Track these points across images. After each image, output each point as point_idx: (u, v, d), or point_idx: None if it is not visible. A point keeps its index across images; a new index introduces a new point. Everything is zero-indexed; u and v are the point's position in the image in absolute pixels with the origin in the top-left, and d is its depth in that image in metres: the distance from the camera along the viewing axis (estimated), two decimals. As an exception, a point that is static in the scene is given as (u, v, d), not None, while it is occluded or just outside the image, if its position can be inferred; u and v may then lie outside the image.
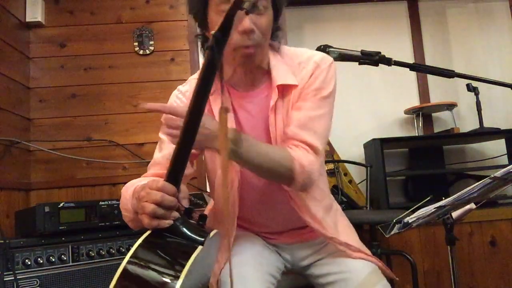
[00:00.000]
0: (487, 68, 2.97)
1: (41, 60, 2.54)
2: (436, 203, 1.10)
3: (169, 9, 2.65)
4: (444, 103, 2.73)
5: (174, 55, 2.61)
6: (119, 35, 2.60)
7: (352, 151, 2.79)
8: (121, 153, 2.51)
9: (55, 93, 2.52)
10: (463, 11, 3.07)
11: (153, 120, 2.54)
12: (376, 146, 2.41)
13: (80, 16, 2.60)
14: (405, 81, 2.94)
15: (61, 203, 1.64)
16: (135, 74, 2.58)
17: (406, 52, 2.98)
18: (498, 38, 3.02)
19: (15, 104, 2.32)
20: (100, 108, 2.54)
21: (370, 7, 3.02)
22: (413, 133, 2.89)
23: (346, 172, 2.66)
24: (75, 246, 1.63)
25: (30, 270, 1.52)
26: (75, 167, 2.47)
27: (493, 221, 2.11)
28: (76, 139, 2.49)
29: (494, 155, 2.82)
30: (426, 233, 2.06)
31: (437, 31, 3.04)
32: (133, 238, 1.76)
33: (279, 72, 1.17)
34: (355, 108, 2.91)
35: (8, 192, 2.15)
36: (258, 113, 1.20)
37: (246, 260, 1.16)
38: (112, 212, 1.76)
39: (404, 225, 1.11)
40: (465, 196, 1.06)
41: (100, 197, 2.43)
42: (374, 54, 1.37)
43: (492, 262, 2.07)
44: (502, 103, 2.93)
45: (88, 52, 2.57)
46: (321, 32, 2.99)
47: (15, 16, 2.39)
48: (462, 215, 1.21)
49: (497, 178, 0.99)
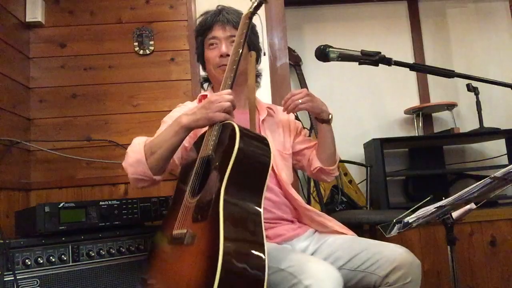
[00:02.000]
0: (487, 68, 2.97)
1: (41, 60, 2.53)
2: (436, 203, 1.10)
3: (169, 9, 2.65)
4: (444, 103, 2.74)
5: (174, 55, 2.61)
6: (119, 35, 2.60)
7: (352, 151, 2.80)
8: (121, 153, 2.51)
9: (55, 93, 2.52)
10: (463, 11, 3.07)
11: (153, 120, 2.54)
12: (376, 146, 2.41)
13: (80, 16, 2.60)
14: (405, 81, 2.94)
15: (61, 203, 1.64)
16: (135, 74, 2.58)
17: (406, 52, 2.98)
18: (498, 38, 3.02)
19: (15, 104, 2.32)
20: (100, 108, 2.54)
21: (370, 7, 3.02)
22: (413, 133, 2.89)
23: (346, 172, 2.66)
24: (75, 246, 1.63)
25: (30, 270, 1.52)
26: (75, 167, 2.46)
27: (493, 221, 2.11)
28: (76, 139, 2.49)
29: (494, 155, 2.82)
30: (426, 233, 2.06)
31: (437, 31, 3.04)
32: (134, 238, 1.76)
33: (260, 104, 1.69)
34: (355, 108, 2.91)
35: (8, 192, 2.15)
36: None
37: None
38: (112, 212, 1.75)
39: (404, 225, 1.12)
40: (465, 196, 1.06)
41: (100, 197, 2.43)
42: (374, 54, 1.37)
43: (492, 262, 2.08)
44: (502, 103, 2.93)
45: (88, 52, 2.57)
46: (321, 32, 3.00)
47: (15, 16, 2.39)
48: (462, 215, 1.21)
49: (497, 178, 0.99)
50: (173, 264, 1.19)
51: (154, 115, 2.54)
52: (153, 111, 2.55)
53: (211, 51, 1.61)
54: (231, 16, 1.61)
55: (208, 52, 1.63)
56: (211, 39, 1.61)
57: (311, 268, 1.15)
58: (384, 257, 1.31)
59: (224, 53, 1.57)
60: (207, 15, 1.66)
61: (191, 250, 1.11)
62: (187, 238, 1.13)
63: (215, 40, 1.61)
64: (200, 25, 1.67)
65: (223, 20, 1.61)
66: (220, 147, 1.24)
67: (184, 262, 1.12)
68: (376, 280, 1.31)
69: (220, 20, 1.61)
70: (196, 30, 1.70)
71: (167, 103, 2.55)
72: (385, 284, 1.30)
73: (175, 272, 1.16)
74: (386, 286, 1.29)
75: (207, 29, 1.63)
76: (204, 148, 1.29)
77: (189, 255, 1.11)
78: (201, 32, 1.66)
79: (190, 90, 2.57)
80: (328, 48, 1.41)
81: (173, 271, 1.17)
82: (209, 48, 1.62)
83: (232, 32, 1.59)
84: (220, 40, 1.60)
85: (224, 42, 1.59)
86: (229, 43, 1.58)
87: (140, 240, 1.79)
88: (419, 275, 1.30)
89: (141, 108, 2.56)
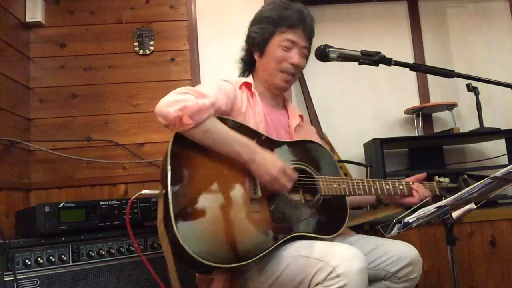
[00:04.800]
0: (487, 68, 2.96)
1: (41, 60, 2.54)
2: (436, 203, 1.10)
3: (169, 9, 2.66)
4: (444, 103, 2.73)
5: (174, 55, 2.61)
6: (119, 35, 2.60)
7: (352, 151, 2.79)
8: (121, 153, 2.51)
9: (55, 93, 2.53)
10: (463, 11, 3.07)
11: (153, 120, 2.53)
12: (376, 146, 2.41)
13: (80, 16, 2.60)
14: (405, 81, 2.94)
15: (61, 203, 1.64)
16: (135, 74, 2.58)
17: (406, 52, 2.98)
18: (498, 38, 3.02)
19: (15, 104, 2.32)
20: (100, 108, 2.54)
21: (370, 7, 3.02)
22: (413, 133, 2.89)
23: (346, 172, 2.66)
24: (75, 246, 1.63)
25: (30, 270, 1.52)
26: (75, 167, 2.47)
27: (493, 221, 2.11)
28: (76, 139, 2.49)
29: (494, 155, 2.82)
30: (426, 233, 2.06)
31: (437, 31, 3.04)
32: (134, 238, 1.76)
33: (293, 109, 1.70)
34: (355, 108, 2.91)
35: (8, 192, 2.15)
36: (279, 124, 1.59)
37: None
38: (112, 212, 1.75)
39: (404, 225, 1.12)
40: (465, 196, 1.06)
41: (100, 197, 2.43)
42: (374, 54, 1.37)
43: (492, 262, 2.07)
44: (502, 103, 2.93)
45: (88, 52, 2.57)
46: (321, 32, 2.98)
47: (15, 16, 2.39)
48: (462, 215, 1.21)
49: (497, 178, 0.99)
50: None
51: (154, 115, 2.54)
52: (153, 111, 2.54)
53: (283, 51, 1.51)
54: (312, 25, 1.56)
55: (278, 50, 1.51)
56: (288, 41, 1.51)
57: (337, 250, 1.19)
58: (396, 255, 1.41)
59: (296, 64, 1.52)
60: (289, 10, 1.52)
61: None
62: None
63: (291, 44, 1.51)
64: (280, 17, 1.52)
65: (307, 29, 1.54)
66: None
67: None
68: (385, 274, 1.42)
69: (305, 27, 1.53)
70: (269, 16, 1.53)
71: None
72: (394, 277, 1.41)
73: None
74: (395, 279, 1.41)
75: (287, 26, 1.51)
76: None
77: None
78: (276, 23, 1.51)
79: (190, 90, 2.56)
80: (328, 48, 1.41)
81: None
82: (280, 47, 1.51)
83: (307, 43, 1.55)
84: (296, 46, 1.52)
85: (299, 52, 1.52)
86: (301, 54, 1.54)
87: (140, 240, 1.79)
88: (421, 271, 1.44)
89: (141, 108, 2.56)
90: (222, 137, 1.29)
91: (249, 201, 1.29)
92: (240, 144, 1.30)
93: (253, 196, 1.30)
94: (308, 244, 1.28)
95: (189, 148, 1.30)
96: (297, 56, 1.52)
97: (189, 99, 1.27)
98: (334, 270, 1.13)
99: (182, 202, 1.20)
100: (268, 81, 1.57)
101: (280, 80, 1.54)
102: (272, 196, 1.34)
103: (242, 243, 1.23)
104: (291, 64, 1.51)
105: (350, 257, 1.16)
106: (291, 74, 1.54)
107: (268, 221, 1.30)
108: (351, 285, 1.12)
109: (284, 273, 1.25)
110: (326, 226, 1.40)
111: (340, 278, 1.12)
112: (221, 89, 1.41)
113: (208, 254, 1.16)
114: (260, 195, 1.31)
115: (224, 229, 1.22)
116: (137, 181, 2.45)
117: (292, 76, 1.55)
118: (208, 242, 1.19)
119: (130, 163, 2.50)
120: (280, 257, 1.28)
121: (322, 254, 1.20)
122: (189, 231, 1.17)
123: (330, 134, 2.70)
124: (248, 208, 1.28)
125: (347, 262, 1.15)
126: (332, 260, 1.16)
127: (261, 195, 1.31)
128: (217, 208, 1.24)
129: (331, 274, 1.14)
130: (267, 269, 1.28)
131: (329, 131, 2.71)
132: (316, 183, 1.42)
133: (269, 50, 1.53)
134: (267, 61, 1.54)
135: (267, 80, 1.57)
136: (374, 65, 1.39)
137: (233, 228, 1.23)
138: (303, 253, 1.24)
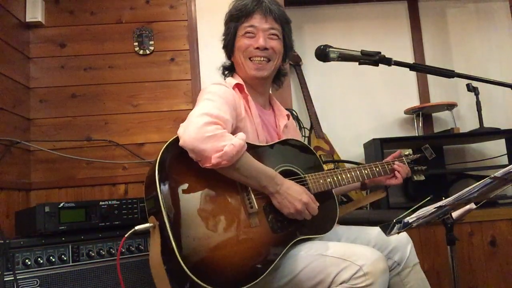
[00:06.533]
0: (487, 68, 2.97)
1: (41, 60, 2.54)
2: (436, 203, 1.10)
3: (169, 9, 2.66)
4: (444, 103, 2.73)
5: (174, 55, 2.61)
6: (119, 35, 2.60)
7: (352, 151, 2.79)
8: (121, 153, 2.51)
9: (55, 93, 2.52)
10: (463, 11, 3.07)
11: (153, 120, 2.54)
12: (376, 146, 2.41)
13: (80, 16, 2.60)
14: (405, 81, 2.94)
15: (61, 203, 1.64)
16: (135, 74, 2.58)
17: (406, 52, 2.98)
18: (498, 38, 3.02)
19: (15, 104, 2.32)
20: (100, 108, 2.54)
21: (370, 7, 3.02)
22: (413, 133, 2.89)
23: (346, 172, 2.65)
24: (75, 246, 1.63)
25: (30, 270, 1.52)
26: (75, 167, 2.47)
27: (493, 221, 2.11)
28: (76, 139, 2.49)
29: (494, 155, 2.82)
30: (426, 233, 2.06)
31: (437, 31, 3.04)
32: (134, 238, 1.75)
33: (280, 107, 1.67)
34: (355, 108, 2.91)
35: (8, 192, 2.15)
36: (269, 125, 1.59)
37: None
38: (112, 212, 1.75)
39: (404, 225, 1.11)
40: (465, 196, 1.06)
41: (100, 197, 2.43)
42: (374, 54, 1.37)
43: (492, 262, 2.07)
44: (502, 103, 2.93)
45: (88, 52, 2.57)
46: (321, 32, 2.99)
47: (15, 16, 2.39)
48: (462, 215, 1.21)
49: (497, 178, 0.99)
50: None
51: (154, 115, 2.55)
52: (153, 111, 2.55)
53: (246, 39, 1.49)
54: (273, 7, 1.50)
55: (241, 39, 1.50)
56: (249, 27, 1.49)
57: (359, 251, 1.23)
58: (392, 243, 1.44)
59: (262, 46, 1.47)
60: (244, 0, 1.52)
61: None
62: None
63: (252, 29, 1.49)
64: (237, 9, 1.52)
65: (265, 10, 1.49)
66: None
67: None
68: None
69: (262, 9, 1.49)
70: (229, 14, 1.55)
71: (167, 103, 2.55)
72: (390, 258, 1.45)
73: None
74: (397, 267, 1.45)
75: (245, 16, 1.50)
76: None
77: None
78: (236, 18, 1.52)
79: (190, 90, 2.57)
80: (328, 48, 1.41)
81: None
82: (244, 36, 1.50)
83: (273, 24, 1.50)
84: (258, 30, 1.48)
85: (262, 35, 1.48)
86: (268, 36, 1.49)
87: (140, 240, 1.79)
88: (413, 250, 1.49)
89: (141, 108, 2.56)
90: (251, 173, 1.28)
91: (247, 216, 1.28)
92: (266, 177, 1.29)
93: (250, 210, 1.28)
94: (323, 244, 1.29)
95: (176, 169, 1.27)
96: (261, 39, 1.47)
97: (224, 136, 1.22)
98: (361, 269, 1.17)
99: (182, 233, 1.17)
100: (245, 75, 1.53)
101: (252, 69, 1.50)
102: (266, 206, 1.33)
103: (251, 261, 1.22)
104: (257, 48, 1.48)
105: (375, 258, 1.21)
106: (262, 58, 1.49)
107: (269, 232, 1.30)
108: (376, 284, 1.17)
109: (302, 273, 1.25)
110: (323, 222, 1.40)
111: (366, 277, 1.16)
112: (228, 102, 1.37)
113: (220, 282, 1.15)
114: (257, 208, 1.29)
115: (231, 253, 1.21)
116: (137, 181, 2.45)
117: (267, 61, 1.50)
118: (218, 270, 1.17)
119: (130, 163, 2.50)
120: (296, 257, 1.29)
121: (345, 253, 1.22)
122: (196, 262, 1.15)
123: (330, 134, 2.70)
124: (248, 224, 1.27)
125: (372, 262, 1.19)
126: (357, 260, 1.19)
127: (257, 208, 1.29)
128: (221, 233, 1.22)
129: (358, 273, 1.17)
130: (282, 270, 1.28)
131: (329, 131, 2.71)
132: (305, 182, 1.41)
133: (237, 45, 1.53)
134: (237, 55, 1.53)
135: (244, 74, 1.53)
136: (374, 65, 1.39)
137: (239, 250, 1.22)
138: (324, 252, 1.25)
